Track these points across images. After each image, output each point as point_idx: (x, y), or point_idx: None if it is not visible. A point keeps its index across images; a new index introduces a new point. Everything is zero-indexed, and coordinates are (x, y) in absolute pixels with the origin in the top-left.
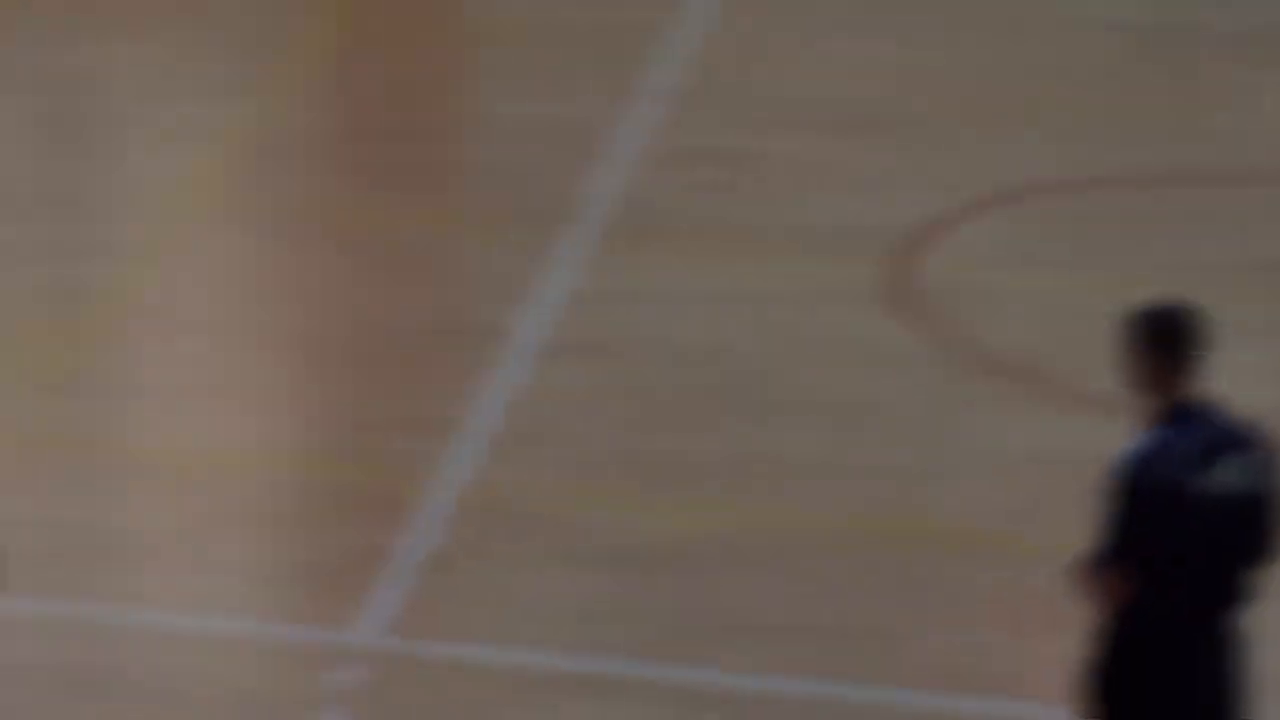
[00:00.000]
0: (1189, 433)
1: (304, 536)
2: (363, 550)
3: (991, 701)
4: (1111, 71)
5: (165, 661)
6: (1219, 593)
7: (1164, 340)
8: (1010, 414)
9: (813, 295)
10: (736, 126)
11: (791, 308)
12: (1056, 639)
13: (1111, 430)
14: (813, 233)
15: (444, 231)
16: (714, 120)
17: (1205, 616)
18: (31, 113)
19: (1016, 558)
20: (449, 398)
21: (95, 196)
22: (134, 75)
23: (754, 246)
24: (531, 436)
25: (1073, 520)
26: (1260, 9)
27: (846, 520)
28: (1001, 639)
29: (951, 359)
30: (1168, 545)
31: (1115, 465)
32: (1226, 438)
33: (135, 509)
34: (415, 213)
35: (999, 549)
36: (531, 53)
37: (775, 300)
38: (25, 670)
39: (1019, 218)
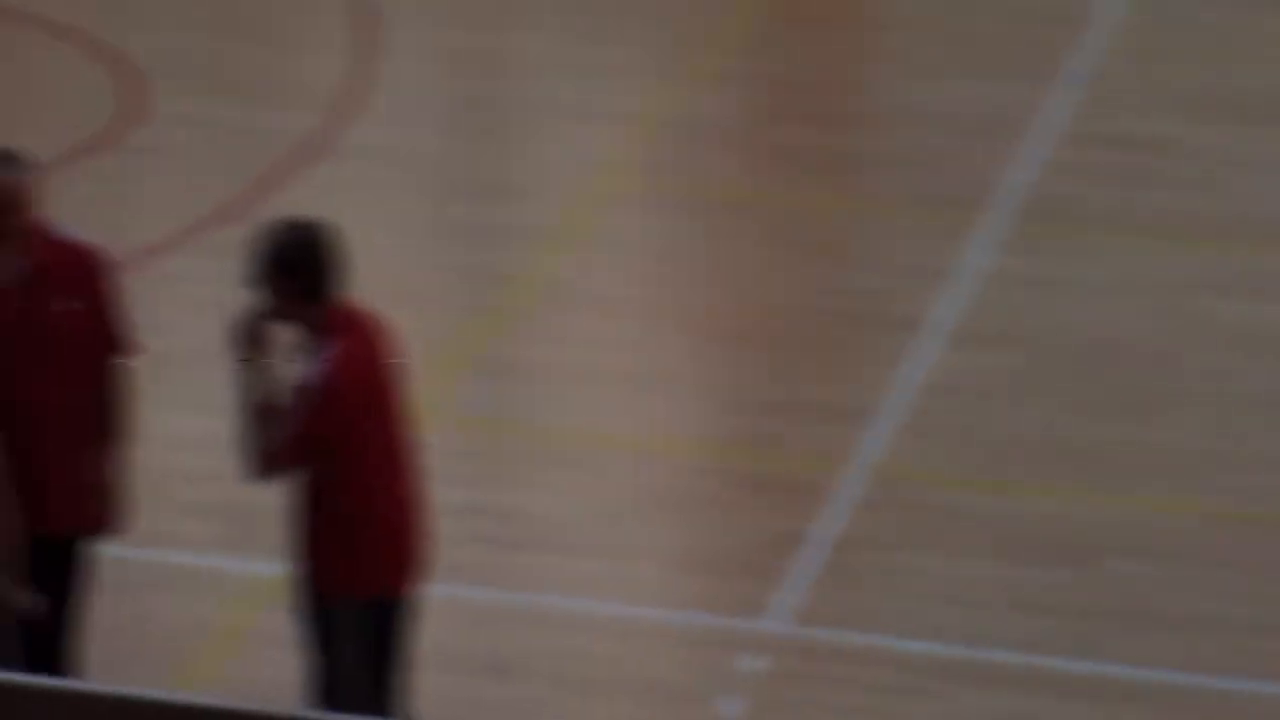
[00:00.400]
0: None
1: (716, 523)
2: (773, 537)
3: None
4: None
5: (577, 646)
6: None
7: None
8: None
9: (1226, 284)
10: (1156, 112)
11: (1203, 296)
12: None
13: None
14: (1229, 221)
15: (860, 216)
16: (1133, 106)
17: None
18: (451, 95)
19: None
20: (863, 383)
21: (514, 179)
22: (555, 58)
23: (1169, 234)
24: (944, 423)
25: None
26: None
27: (1260, 511)
28: None
29: None
30: None
31: None
32: None
33: (552, 494)
34: (832, 197)
35: None
36: (947, 37)
37: (1187, 289)
38: (445, 655)
39: None
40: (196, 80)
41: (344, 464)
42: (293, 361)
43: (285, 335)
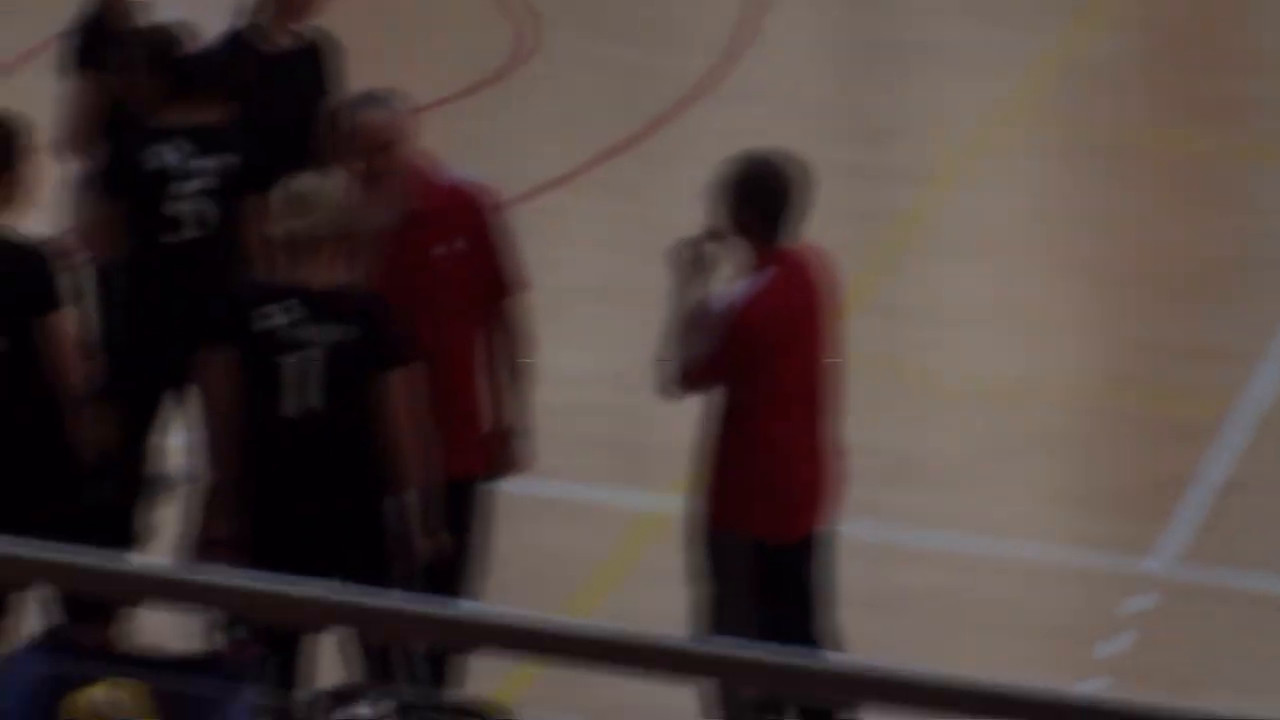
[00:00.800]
0: None
1: (1101, 463)
2: (1159, 477)
3: None
4: None
5: (961, 584)
6: None
7: None
8: None
9: None
10: None
11: None
12: None
13: None
14: None
15: (1247, 162)
16: None
17: None
18: (842, 40)
19: None
20: (1250, 326)
21: (903, 121)
22: (948, 2)
23: None
24: None
25: None
26: None
27: None
28: None
29: None
30: None
31: None
32: None
33: (933, 432)
34: (1221, 143)
35: None
36: None
37: None
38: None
39: None
40: (589, 22)
41: (753, 395)
42: (728, 284)
43: (729, 258)
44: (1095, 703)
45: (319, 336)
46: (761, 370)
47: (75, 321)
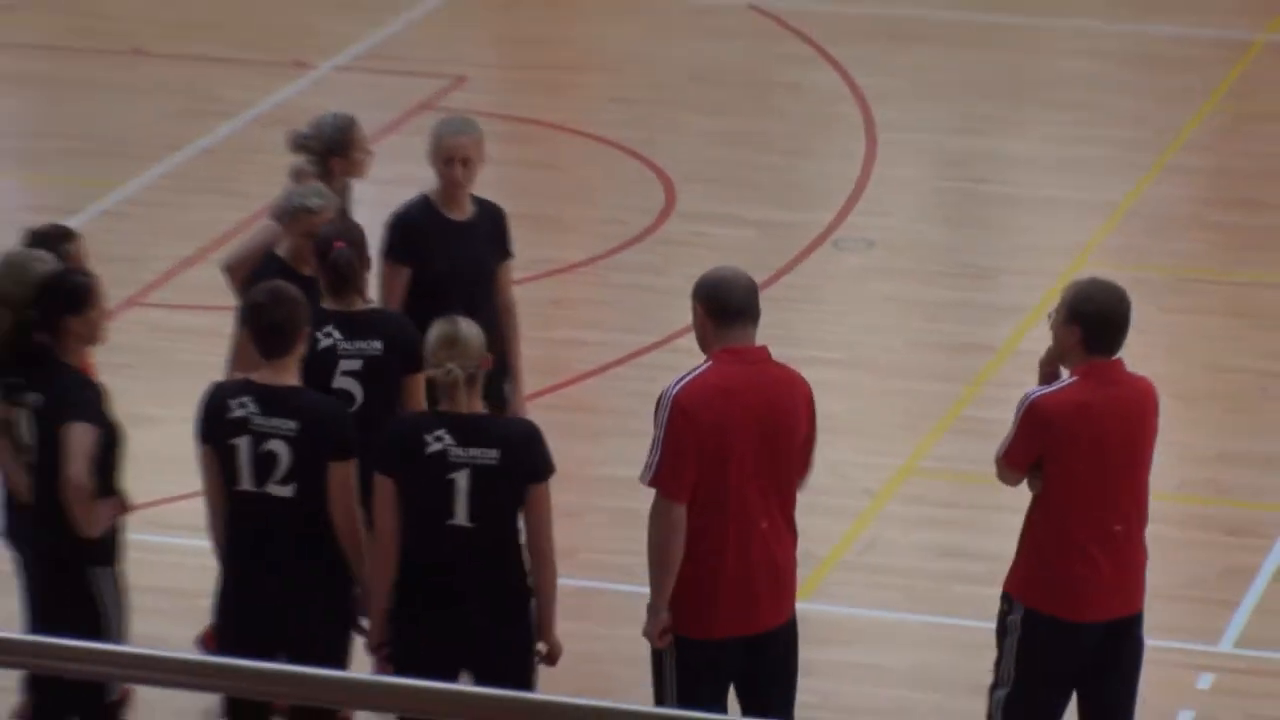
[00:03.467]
0: None
1: (1179, 558)
2: (1228, 567)
3: None
4: None
5: None
6: None
7: None
8: None
9: None
10: None
11: None
12: None
13: None
14: None
15: None
16: None
17: None
18: (943, 191)
19: None
20: None
21: (1002, 261)
22: (1035, 157)
23: None
24: None
25: None
26: None
27: None
28: None
29: None
30: None
31: None
32: None
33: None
34: (1271, 271)
35: None
36: None
37: None
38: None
39: None
40: (721, 184)
41: (1047, 483)
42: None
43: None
44: None
45: (469, 459)
46: (1051, 460)
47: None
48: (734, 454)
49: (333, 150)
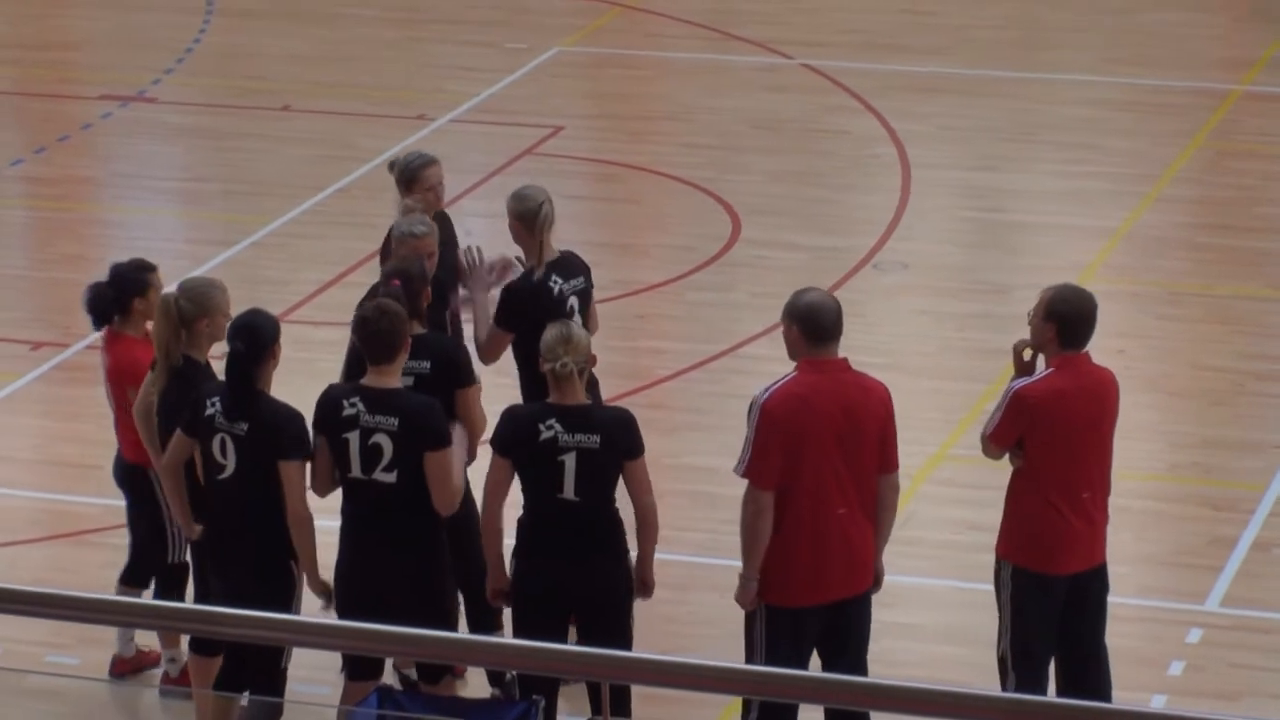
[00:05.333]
0: None
1: (1169, 529)
2: (1212, 538)
3: None
4: None
5: None
6: None
7: None
8: None
9: None
10: None
11: None
12: None
13: None
14: None
15: (1269, 302)
16: None
17: None
18: (973, 216)
19: None
20: (1272, 425)
21: (1016, 279)
22: (1042, 188)
23: None
24: None
25: None
26: None
27: None
28: None
29: None
30: None
31: None
32: None
33: None
34: (1250, 286)
35: None
36: None
37: None
38: None
39: None
40: (778, 214)
41: (1029, 456)
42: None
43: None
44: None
45: (575, 444)
46: (1032, 439)
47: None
48: (812, 451)
49: (402, 183)
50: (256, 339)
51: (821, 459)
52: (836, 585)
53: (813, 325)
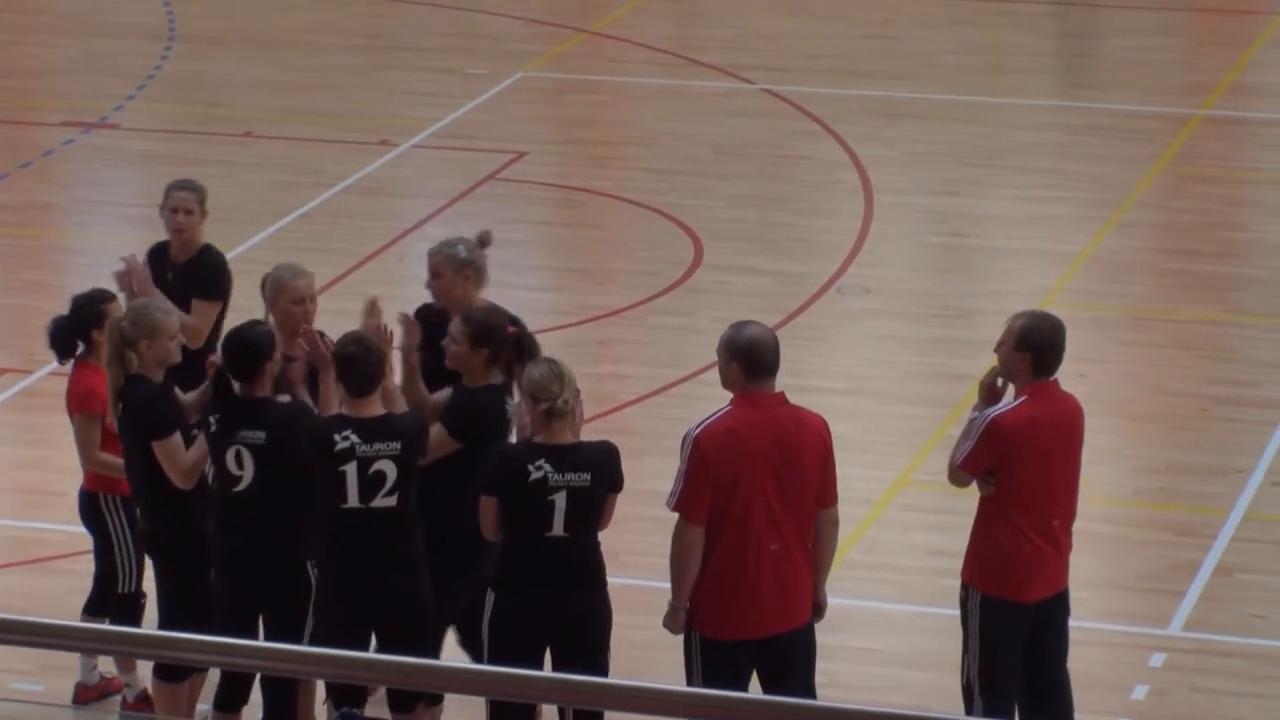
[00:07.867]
0: None
1: (1132, 554)
2: (1174, 563)
3: None
4: None
5: None
6: None
7: None
8: None
9: None
10: None
11: None
12: None
13: None
14: None
15: (1230, 326)
16: None
17: None
18: (935, 242)
19: None
20: (1240, 449)
21: (977, 304)
22: (1007, 215)
23: None
24: None
25: None
26: None
27: None
28: None
29: None
30: None
31: None
32: None
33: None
34: (1211, 311)
35: None
36: None
37: None
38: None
39: None
40: (741, 240)
41: (1000, 488)
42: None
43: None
44: None
45: (566, 483)
46: (1004, 466)
47: None
48: (744, 486)
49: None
50: (250, 352)
51: (754, 494)
52: (769, 620)
53: (754, 361)
